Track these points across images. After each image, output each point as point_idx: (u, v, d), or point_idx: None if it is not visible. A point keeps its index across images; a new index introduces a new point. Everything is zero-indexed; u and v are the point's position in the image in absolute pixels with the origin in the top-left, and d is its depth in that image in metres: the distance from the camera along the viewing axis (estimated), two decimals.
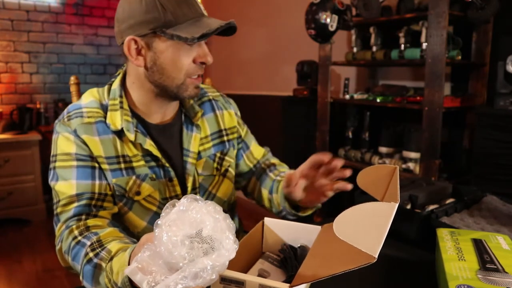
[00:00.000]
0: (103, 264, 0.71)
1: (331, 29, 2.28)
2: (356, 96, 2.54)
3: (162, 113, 0.96)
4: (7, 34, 3.31)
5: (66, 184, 0.85)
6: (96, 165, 0.87)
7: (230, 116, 1.09)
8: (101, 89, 0.95)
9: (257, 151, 1.16)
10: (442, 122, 2.02)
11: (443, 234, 0.76)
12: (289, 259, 0.73)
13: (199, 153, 0.99)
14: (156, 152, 0.91)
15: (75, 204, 0.83)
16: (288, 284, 0.56)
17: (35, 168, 3.08)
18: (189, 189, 0.97)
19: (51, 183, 0.88)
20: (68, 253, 0.79)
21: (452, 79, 2.41)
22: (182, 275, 0.50)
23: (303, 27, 2.38)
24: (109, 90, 0.93)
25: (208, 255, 0.52)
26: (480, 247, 0.70)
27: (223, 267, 0.53)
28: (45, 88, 3.53)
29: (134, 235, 0.93)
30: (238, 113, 1.13)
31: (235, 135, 1.09)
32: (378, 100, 2.35)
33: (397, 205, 0.62)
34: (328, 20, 2.25)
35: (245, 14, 3.59)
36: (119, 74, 0.95)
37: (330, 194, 0.89)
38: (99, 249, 0.73)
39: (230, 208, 1.10)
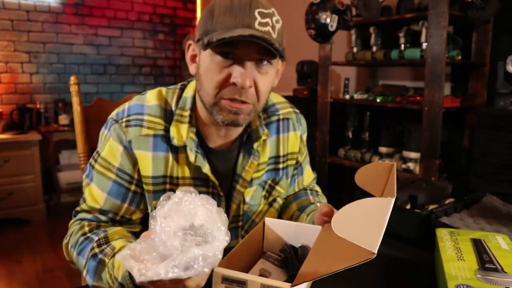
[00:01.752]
0: (106, 260, 0.71)
1: (331, 29, 2.28)
2: (356, 96, 2.54)
3: (221, 137, 0.87)
4: (7, 34, 3.31)
5: (98, 193, 0.82)
6: (133, 187, 0.83)
7: (296, 139, 0.98)
8: (171, 91, 0.86)
9: (307, 177, 1.07)
10: (442, 122, 2.02)
11: (442, 234, 0.77)
12: (290, 259, 0.73)
13: (251, 180, 0.90)
14: (213, 178, 0.84)
15: (96, 214, 0.83)
16: (289, 284, 0.56)
17: (35, 168, 3.08)
18: (231, 215, 0.90)
19: (85, 180, 0.85)
20: (75, 247, 0.79)
21: (452, 79, 2.41)
22: (173, 264, 0.50)
23: (303, 27, 2.38)
24: (179, 95, 0.85)
25: (200, 246, 0.53)
26: (479, 247, 0.70)
27: (215, 259, 0.53)
28: (45, 88, 3.53)
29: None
30: (304, 136, 1.02)
31: (294, 161, 0.99)
32: (378, 100, 2.35)
33: (393, 200, 0.62)
34: (328, 20, 2.25)
35: None
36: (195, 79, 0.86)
37: None
38: (105, 245, 0.74)
39: None
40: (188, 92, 0.85)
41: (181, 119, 0.82)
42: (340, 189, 2.83)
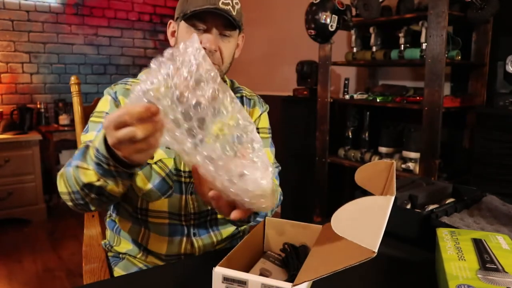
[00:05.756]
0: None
1: (331, 29, 2.28)
2: (356, 96, 2.54)
3: None
4: (8, 34, 3.31)
5: (91, 134, 0.94)
6: None
7: (257, 115, 1.12)
8: None
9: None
10: (442, 122, 2.02)
11: (443, 234, 0.77)
12: (291, 259, 0.73)
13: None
14: None
15: None
16: (290, 283, 0.56)
17: (35, 168, 3.08)
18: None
19: (82, 135, 0.97)
20: (65, 170, 0.81)
21: (452, 79, 2.41)
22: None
23: (303, 27, 2.38)
24: None
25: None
26: (480, 246, 0.70)
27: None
28: (46, 88, 3.53)
29: (136, 196, 0.98)
30: (265, 114, 1.15)
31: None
32: (378, 100, 2.36)
33: (393, 198, 0.62)
34: (328, 20, 2.25)
35: (245, 14, 3.59)
36: None
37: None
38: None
39: None
40: None
41: None
42: (340, 189, 2.83)
